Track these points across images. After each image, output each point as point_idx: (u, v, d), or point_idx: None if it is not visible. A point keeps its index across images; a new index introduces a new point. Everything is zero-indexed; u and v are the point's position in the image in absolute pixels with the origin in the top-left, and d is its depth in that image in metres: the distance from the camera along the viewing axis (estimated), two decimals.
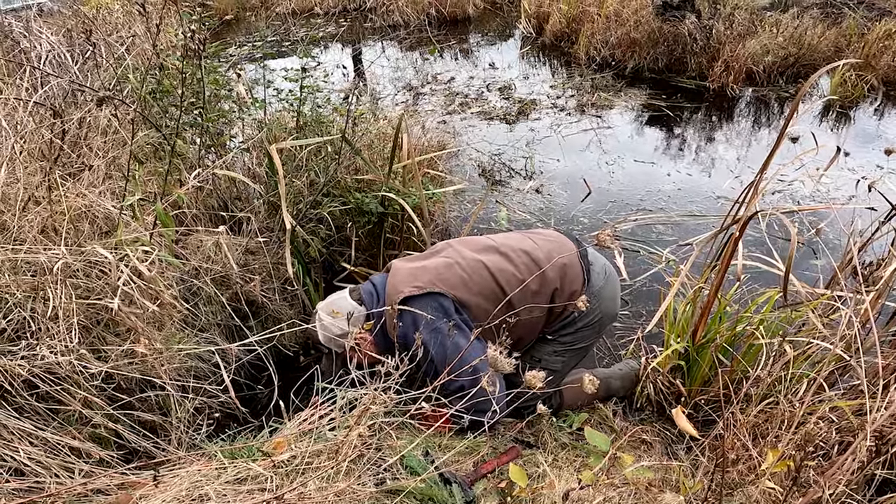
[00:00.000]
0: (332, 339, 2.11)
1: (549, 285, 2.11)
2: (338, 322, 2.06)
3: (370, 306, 2.13)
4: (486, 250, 2.16)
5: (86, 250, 1.90)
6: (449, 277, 2.05)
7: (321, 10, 10.22)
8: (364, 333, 2.08)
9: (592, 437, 1.71)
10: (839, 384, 2.09)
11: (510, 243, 2.20)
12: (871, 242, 2.37)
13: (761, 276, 2.57)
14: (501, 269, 2.09)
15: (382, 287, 2.14)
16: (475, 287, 2.06)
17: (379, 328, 2.10)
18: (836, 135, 5.38)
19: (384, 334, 2.12)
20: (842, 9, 7.23)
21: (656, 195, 4.37)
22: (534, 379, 1.14)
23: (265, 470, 1.49)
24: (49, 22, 3.79)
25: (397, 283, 2.05)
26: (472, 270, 2.08)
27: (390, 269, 2.18)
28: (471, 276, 2.07)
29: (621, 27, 6.85)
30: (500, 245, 2.19)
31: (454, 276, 2.06)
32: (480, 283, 2.06)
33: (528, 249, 2.14)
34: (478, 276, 2.07)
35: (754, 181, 2.18)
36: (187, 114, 2.79)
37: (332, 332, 2.09)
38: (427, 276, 2.05)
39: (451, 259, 2.12)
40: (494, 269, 2.09)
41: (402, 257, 2.34)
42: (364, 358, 2.07)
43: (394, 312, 1.97)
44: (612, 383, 2.43)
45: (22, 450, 1.60)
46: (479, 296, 2.06)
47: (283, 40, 8.17)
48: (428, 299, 2.00)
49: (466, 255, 2.13)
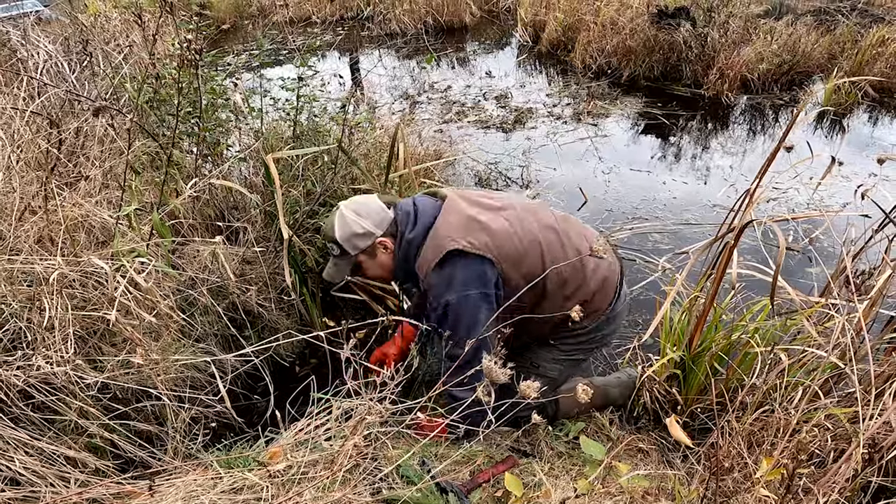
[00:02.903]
0: (350, 237, 1.96)
1: (581, 296, 2.03)
2: (362, 221, 1.93)
3: (402, 225, 1.98)
4: (547, 228, 2.01)
5: (82, 260, 1.90)
6: (505, 247, 1.90)
7: (318, 18, 10.25)
8: (387, 240, 1.96)
9: (588, 445, 1.72)
10: (834, 392, 2.09)
11: (569, 230, 2.07)
12: (866, 251, 2.39)
13: (757, 284, 2.57)
14: (553, 258, 1.96)
15: (427, 216, 1.97)
16: (524, 268, 1.93)
17: (402, 254, 1.97)
18: (830, 142, 5.41)
19: (405, 261, 1.98)
20: (835, 16, 7.29)
21: (652, 204, 4.39)
22: (528, 389, 1.14)
23: (261, 479, 1.49)
24: (47, 30, 3.80)
25: (450, 228, 1.90)
26: (528, 248, 1.94)
27: (445, 197, 2.03)
28: (524, 254, 1.94)
29: (617, 35, 6.89)
30: (560, 227, 2.05)
31: (511, 248, 1.91)
32: (530, 264, 1.94)
33: (582, 250, 2.01)
34: (530, 258, 1.94)
35: (749, 190, 2.19)
36: (184, 123, 2.80)
37: (353, 228, 1.94)
38: (484, 237, 1.89)
39: (512, 227, 1.95)
40: (547, 254, 1.96)
41: (460, 188, 2.19)
42: (373, 271, 2.00)
43: (434, 257, 1.84)
44: (611, 391, 2.44)
45: (18, 460, 1.60)
46: (523, 278, 1.92)
47: (281, 49, 8.19)
48: (476, 263, 1.87)
49: (527, 225, 1.98)
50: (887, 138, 5.42)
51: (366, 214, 1.96)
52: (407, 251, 1.96)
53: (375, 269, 2.03)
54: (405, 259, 1.98)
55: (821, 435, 1.86)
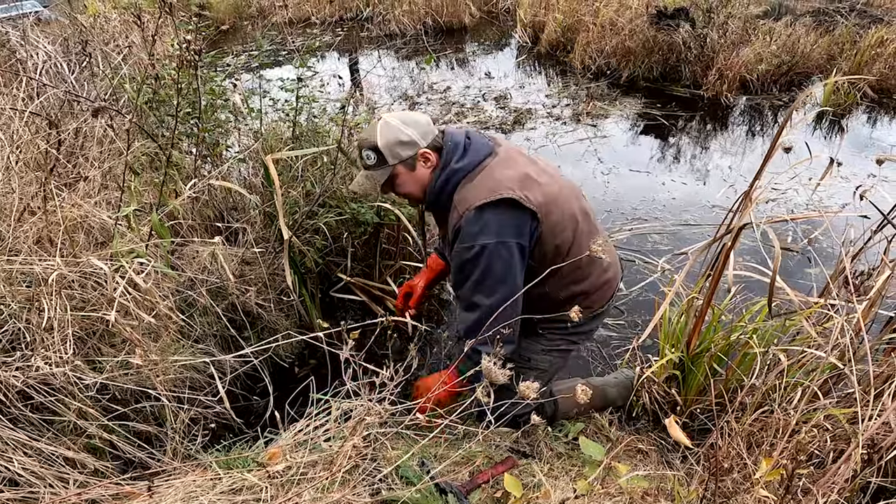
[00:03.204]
0: (394, 144, 1.85)
1: (586, 286, 2.00)
2: (408, 129, 1.85)
3: (449, 151, 1.88)
4: (582, 212, 1.96)
5: (81, 261, 1.90)
6: (553, 214, 1.84)
7: (318, 19, 10.26)
8: (430, 153, 1.87)
9: (587, 446, 1.72)
10: (833, 392, 2.09)
11: (594, 223, 2.04)
12: (865, 251, 2.39)
13: (756, 285, 2.58)
14: (579, 244, 1.91)
15: (479, 153, 1.89)
16: (558, 239, 1.87)
17: (443, 178, 1.88)
18: (829, 143, 5.42)
19: (444, 186, 1.89)
20: (834, 17, 7.30)
21: (651, 204, 4.39)
22: (528, 389, 1.14)
23: (260, 480, 1.49)
24: (46, 31, 3.80)
25: (505, 175, 1.82)
26: (567, 222, 1.89)
27: (500, 143, 1.96)
28: (564, 227, 1.87)
29: (616, 36, 6.90)
30: (591, 217, 2.01)
31: (557, 216, 1.85)
32: (563, 238, 1.88)
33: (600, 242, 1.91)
34: (566, 233, 1.88)
35: (747, 191, 2.19)
36: (183, 124, 2.80)
37: (398, 136, 1.84)
38: (539, 196, 1.81)
39: (562, 197, 1.89)
40: (578, 235, 1.91)
41: (517, 147, 2.02)
42: (407, 187, 1.92)
43: (485, 196, 1.76)
44: (609, 392, 2.44)
45: (16, 460, 1.60)
46: (554, 248, 1.87)
47: (280, 50, 8.19)
48: (525, 216, 1.79)
49: (571, 201, 1.92)
50: (886, 139, 5.43)
51: (412, 123, 1.87)
52: (449, 178, 1.88)
53: (410, 185, 1.92)
54: (445, 184, 1.88)
55: (820, 435, 1.86)
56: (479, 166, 1.87)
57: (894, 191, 4.19)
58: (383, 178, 1.89)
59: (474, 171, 1.87)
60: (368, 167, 1.92)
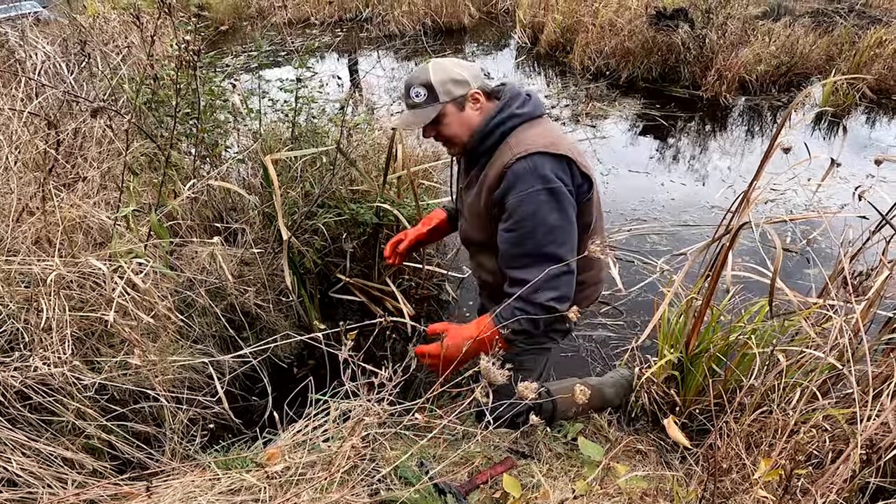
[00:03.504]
0: (447, 81, 1.81)
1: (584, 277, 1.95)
2: (460, 70, 1.82)
3: (510, 98, 1.83)
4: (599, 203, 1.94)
5: (80, 261, 1.90)
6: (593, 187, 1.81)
7: (317, 20, 10.26)
8: (480, 95, 1.83)
9: (586, 447, 1.72)
10: (832, 393, 2.09)
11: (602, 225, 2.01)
12: (863, 252, 2.39)
13: (755, 285, 2.58)
14: (595, 229, 1.88)
15: (538, 109, 1.85)
16: (589, 217, 1.83)
17: (498, 120, 1.82)
18: (828, 143, 5.42)
19: (495, 128, 1.82)
20: (833, 17, 7.31)
21: (650, 205, 4.39)
22: (526, 390, 1.14)
23: (259, 481, 1.49)
24: (45, 31, 3.80)
25: (562, 138, 1.78)
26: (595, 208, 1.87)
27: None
28: (595, 207, 1.86)
29: (615, 37, 6.90)
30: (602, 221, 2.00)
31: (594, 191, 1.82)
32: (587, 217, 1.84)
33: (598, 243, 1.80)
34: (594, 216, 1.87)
35: (746, 191, 2.19)
36: (182, 124, 2.80)
37: (451, 74, 1.81)
38: (587, 167, 1.78)
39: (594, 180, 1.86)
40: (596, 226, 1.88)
41: None
42: (453, 128, 1.86)
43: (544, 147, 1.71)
44: (606, 391, 2.43)
45: (15, 461, 1.60)
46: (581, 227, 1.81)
47: (279, 50, 8.19)
48: (578, 177, 1.74)
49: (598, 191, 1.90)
50: (885, 139, 5.43)
51: (464, 66, 1.85)
52: (506, 120, 1.82)
53: (456, 126, 1.87)
54: (500, 124, 1.83)
55: (819, 436, 1.86)
56: (537, 120, 1.84)
57: (893, 191, 4.18)
58: (431, 116, 1.84)
59: (532, 122, 1.82)
60: (416, 105, 1.87)
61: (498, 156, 1.79)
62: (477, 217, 1.89)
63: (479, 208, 1.86)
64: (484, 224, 1.88)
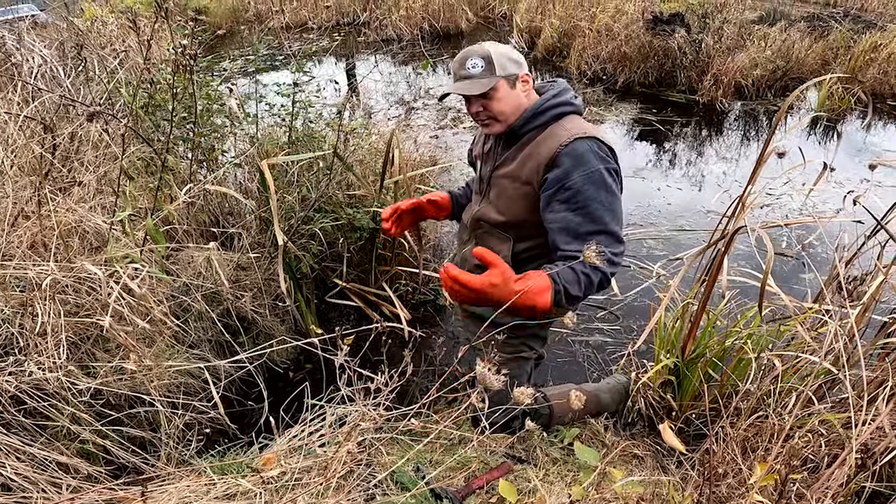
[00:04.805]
0: (505, 56, 1.88)
1: None
2: (515, 54, 1.90)
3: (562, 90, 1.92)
4: None
5: (75, 266, 1.90)
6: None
7: (315, 24, 10.28)
8: (529, 77, 1.90)
9: (582, 452, 1.72)
10: (827, 397, 2.10)
11: None
12: (858, 256, 2.40)
13: (751, 290, 2.58)
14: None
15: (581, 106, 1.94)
16: None
17: (554, 101, 1.88)
18: (823, 148, 5.44)
19: (550, 108, 1.88)
20: (828, 22, 7.34)
21: (647, 210, 4.40)
22: (522, 395, 1.14)
23: (254, 486, 1.48)
24: (42, 35, 3.80)
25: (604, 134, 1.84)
26: None
27: None
28: None
29: (612, 41, 6.92)
30: None
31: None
32: None
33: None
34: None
35: (741, 196, 2.20)
36: (179, 128, 2.79)
37: (509, 52, 1.89)
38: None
39: None
40: None
41: None
42: (502, 104, 1.87)
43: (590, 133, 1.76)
44: (602, 397, 2.44)
45: (9, 465, 1.59)
46: None
47: (276, 55, 8.20)
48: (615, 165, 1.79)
49: None
50: (880, 143, 5.45)
51: (518, 53, 1.93)
52: (558, 105, 1.89)
53: (505, 103, 1.90)
54: (552, 107, 1.89)
55: (814, 440, 1.87)
56: (582, 115, 1.92)
57: (887, 196, 4.21)
58: (488, 86, 1.85)
59: (579, 114, 1.91)
60: (471, 76, 1.88)
61: (547, 136, 1.83)
62: (506, 196, 1.91)
63: (516, 186, 1.88)
64: (513, 202, 1.89)
